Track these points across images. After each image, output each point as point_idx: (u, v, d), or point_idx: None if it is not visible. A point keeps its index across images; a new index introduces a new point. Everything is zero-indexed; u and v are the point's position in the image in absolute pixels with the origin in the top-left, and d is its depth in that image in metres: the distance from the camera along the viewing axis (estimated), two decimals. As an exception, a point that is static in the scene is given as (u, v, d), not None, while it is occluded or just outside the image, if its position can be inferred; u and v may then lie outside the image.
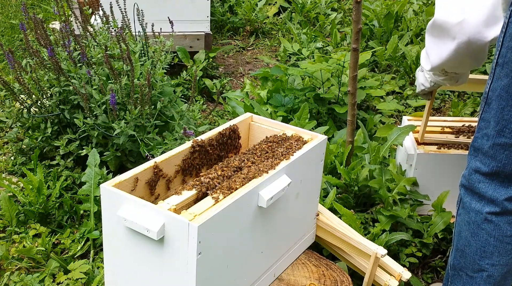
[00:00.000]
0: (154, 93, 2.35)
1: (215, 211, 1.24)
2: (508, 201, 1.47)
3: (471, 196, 1.53)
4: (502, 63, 1.38)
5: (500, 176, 1.46)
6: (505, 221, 1.48)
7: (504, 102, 1.39)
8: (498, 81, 1.40)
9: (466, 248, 1.56)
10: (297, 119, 2.65)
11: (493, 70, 1.42)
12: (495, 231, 1.49)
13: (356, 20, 2.07)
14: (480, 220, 1.50)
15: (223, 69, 4.07)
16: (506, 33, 1.36)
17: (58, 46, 2.43)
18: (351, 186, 2.21)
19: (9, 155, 2.65)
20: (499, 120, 1.41)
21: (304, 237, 1.73)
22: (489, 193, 1.48)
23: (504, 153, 1.43)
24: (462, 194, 1.57)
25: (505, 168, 1.45)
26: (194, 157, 1.60)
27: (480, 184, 1.50)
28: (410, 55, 3.81)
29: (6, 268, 1.93)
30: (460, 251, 1.58)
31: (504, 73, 1.38)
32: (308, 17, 5.00)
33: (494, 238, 1.49)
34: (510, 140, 1.41)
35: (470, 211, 1.53)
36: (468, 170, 1.54)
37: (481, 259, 1.52)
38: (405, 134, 2.31)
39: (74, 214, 2.21)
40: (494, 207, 1.48)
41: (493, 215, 1.48)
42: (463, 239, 1.56)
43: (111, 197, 1.32)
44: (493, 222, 1.49)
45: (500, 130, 1.42)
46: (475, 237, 1.52)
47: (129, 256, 1.35)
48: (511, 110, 1.38)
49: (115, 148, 2.31)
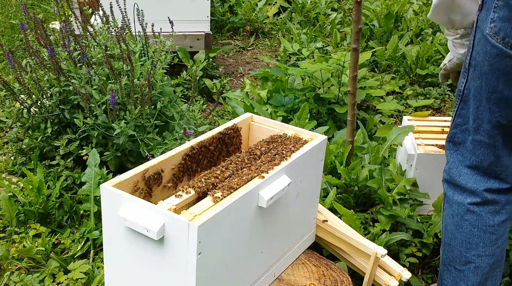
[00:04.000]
0: (154, 93, 2.35)
1: (215, 211, 1.24)
2: (487, 192, 1.53)
3: (453, 190, 1.60)
4: (474, 65, 1.47)
5: (480, 169, 1.54)
6: (486, 211, 1.54)
7: (477, 103, 1.48)
8: (472, 81, 1.49)
9: (452, 241, 1.60)
10: (297, 119, 2.65)
11: (466, 69, 1.51)
12: (478, 221, 1.55)
13: (356, 20, 2.07)
14: (463, 212, 1.56)
15: (223, 69, 4.07)
16: (476, 37, 1.45)
17: (58, 46, 2.43)
18: (351, 186, 2.21)
19: (9, 155, 2.65)
20: (475, 118, 1.50)
21: (304, 237, 1.73)
22: (469, 184, 1.55)
23: (480, 149, 1.52)
24: (445, 188, 1.64)
25: (482, 163, 1.53)
26: (194, 157, 1.60)
27: (460, 177, 1.57)
28: (410, 55, 3.81)
29: (6, 268, 1.93)
30: (447, 245, 1.63)
31: (476, 75, 1.47)
32: (308, 17, 5.00)
33: (477, 228, 1.55)
34: (484, 138, 1.50)
35: (453, 204, 1.59)
36: (449, 164, 1.61)
37: (467, 250, 1.57)
38: (405, 134, 2.31)
39: (74, 214, 2.21)
40: (475, 198, 1.54)
41: (474, 205, 1.55)
42: (449, 232, 1.62)
43: (111, 197, 1.32)
44: (475, 213, 1.54)
45: (476, 128, 1.51)
46: (460, 229, 1.57)
47: (129, 256, 1.35)
48: (483, 111, 1.47)
49: (115, 148, 2.31)
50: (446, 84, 3.71)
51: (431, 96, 3.58)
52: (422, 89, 3.65)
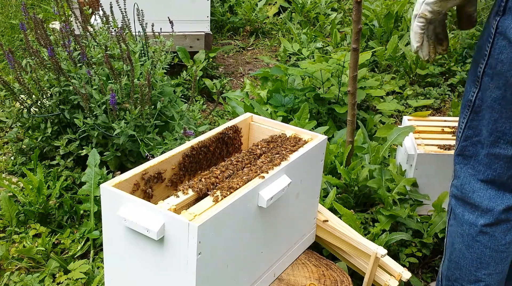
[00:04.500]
0: (154, 93, 2.35)
1: (215, 211, 1.24)
2: (504, 212, 1.44)
3: (463, 207, 1.51)
4: (492, 74, 1.35)
5: (496, 183, 1.44)
6: (499, 230, 1.46)
7: (496, 114, 1.38)
8: (487, 91, 1.38)
9: (460, 260, 1.53)
10: (297, 119, 2.65)
11: (478, 78, 1.39)
12: (491, 242, 1.47)
13: (356, 20, 2.07)
14: (474, 233, 1.48)
15: (223, 69, 4.07)
16: (494, 45, 1.33)
17: (58, 46, 2.43)
18: (351, 186, 2.21)
19: (9, 155, 2.65)
20: (492, 131, 1.40)
21: (304, 237, 1.73)
22: (485, 203, 1.45)
23: (498, 163, 1.42)
24: (453, 204, 1.54)
25: (500, 177, 1.43)
26: (194, 157, 1.60)
27: (474, 193, 1.47)
28: (410, 55, 3.81)
29: (6, 268, 1.93)
30: (454, 263, 1.55)
31: (494, 85, 1.35)
32: (308, 17, 5.00)
33: (489, 249, 1.48)
34: (505, 151, 1.40)
35: (464, 223, 1.50)
36: (460, 180, 1.50)
37: (478, 270, 1.51)
38: (405, 134, 2.31)
39: (74, 214, 2.21)
40: (489, 218, 1.45)
41: (488, 226, 1.46)
42: (456, 251, 1.54)
43: (111, 197, 1.32)
44: (488, 234, 1.46)
45: (494, 141, 1.40)
46: (470, 249, 1.50)
47: (129, 256, 1.35)
48: (505, 123, 1.37)
49: (115, 148, 2.31)
50: (446, 84, 3.72)
51: (431, 96, 3.58)
52: (422, 89, 3.65)
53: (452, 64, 3.84)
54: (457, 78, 3.72)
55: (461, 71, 3.78)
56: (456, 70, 3.80)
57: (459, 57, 3.91)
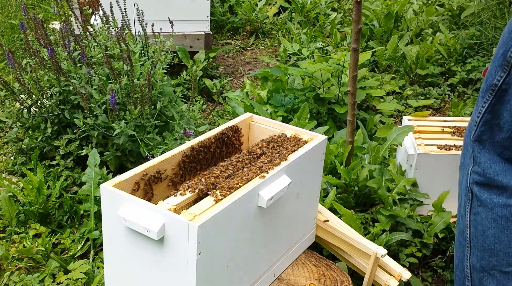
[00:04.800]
0: (154, 93, 2.35)
1: (215, 211, 1.24)
2: None
3: (489, 192, 1.49)
4: None
5: None
6: None
7: None
8: None
9: (496, 246, 1.51)
10: (297, 119, 2.65)
11: (508, 63, 1.37)
12: None
13: (356, 20, 2.07)
14: (509, 213, 1.46)
15: (223, 69, 4.07)
16: None
17: (58, 46, 2.43)
18: (351, 186, 2.21)
19: (9, 155, 2.65)
20: None
21: (304, 237, 1.73)
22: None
23: None
24: (476, 191, 1.52)
25: None
26: (194, 157, 1.60)
27: (499, 175, 1.45)
28: (410, 55, 3.81)
29: (6, 268, 1.93)
30: (489, 250, 1.53)
31: None
32: (308, 17, 5.00)
33: None
34: None
35: (495, 207, 1.48)
36: (481, 164, 1.49)
37: None
38: (404, 134, 2.31)
39: (74, 214, 2.21)
40: None
41: None
42: (490, 237, 1.52)
43: (111, 197, 1.32)
44: None
45: None
46: (506, 230, 1.48)
47: (129, 256, 1.35)
48: None
49: (115, 148, 2.31)
50: (446, 84, 3.71)
51: (431, 96, 3.58)
52: (422, 89, 3.65)
53: (452, 64, 3.84)
54: (457, 78, 3.72)
55: (461, 71, 3.78)
56: (456, 70, 3.80)
57: (459, 57, 3.91)
